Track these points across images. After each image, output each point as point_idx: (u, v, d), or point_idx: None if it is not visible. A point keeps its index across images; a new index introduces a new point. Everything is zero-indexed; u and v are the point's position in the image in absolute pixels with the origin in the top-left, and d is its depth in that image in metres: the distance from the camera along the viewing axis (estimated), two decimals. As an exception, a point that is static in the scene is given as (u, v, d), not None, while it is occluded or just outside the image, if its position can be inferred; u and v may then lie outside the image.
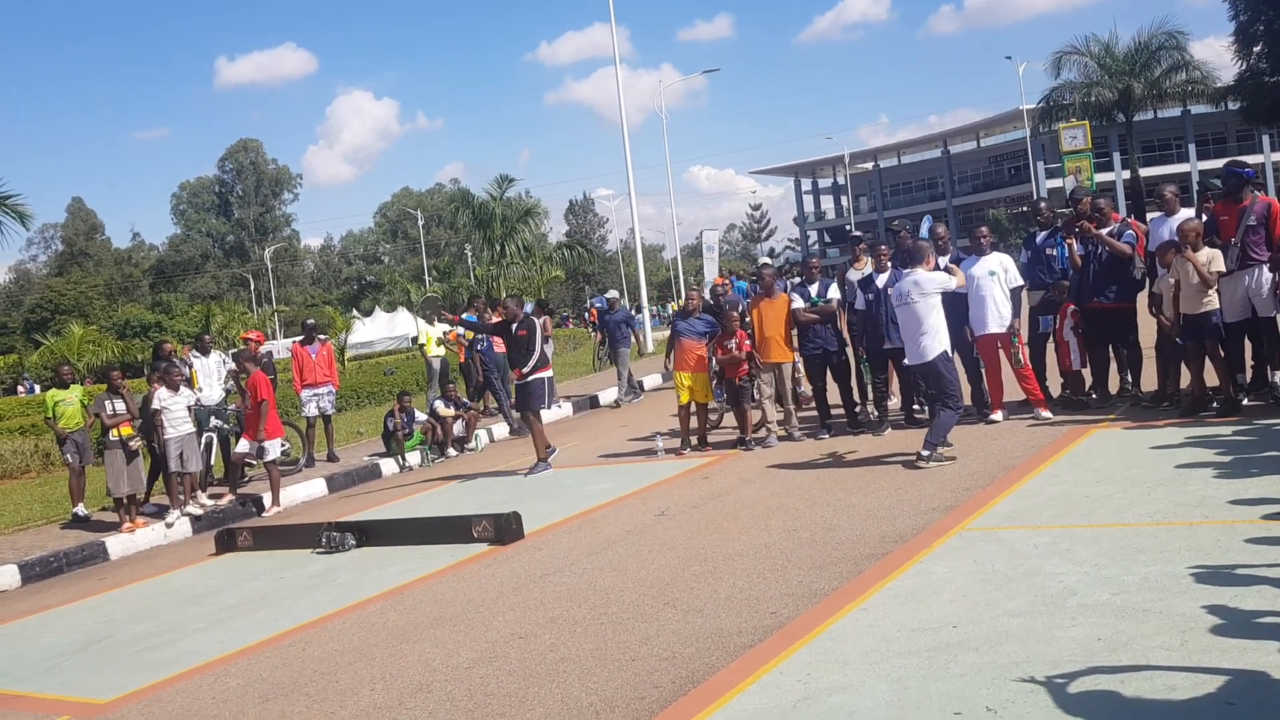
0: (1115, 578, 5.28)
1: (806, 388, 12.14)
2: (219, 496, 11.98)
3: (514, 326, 11.64)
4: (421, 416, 14.03)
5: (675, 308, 21.44)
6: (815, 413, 11.50)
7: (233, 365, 12.89)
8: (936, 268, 9.41)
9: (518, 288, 43.28)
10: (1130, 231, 9.98)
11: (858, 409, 11.30)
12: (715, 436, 11.89)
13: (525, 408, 11.66)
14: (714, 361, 11.37)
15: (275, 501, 11.75)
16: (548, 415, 13.22)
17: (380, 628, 6.50)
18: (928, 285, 8.95)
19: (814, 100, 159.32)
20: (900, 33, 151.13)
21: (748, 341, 11.04)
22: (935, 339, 8.89)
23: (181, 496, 11.31)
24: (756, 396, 11.14)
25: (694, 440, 11.57)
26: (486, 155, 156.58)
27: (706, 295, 13.54)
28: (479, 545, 8.23)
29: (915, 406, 10.94)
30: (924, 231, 11.42)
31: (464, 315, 14.44)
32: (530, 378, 11.39)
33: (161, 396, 11.12)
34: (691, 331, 11.46)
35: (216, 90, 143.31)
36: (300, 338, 14.59)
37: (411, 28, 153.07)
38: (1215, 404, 9.16)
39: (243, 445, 11.85)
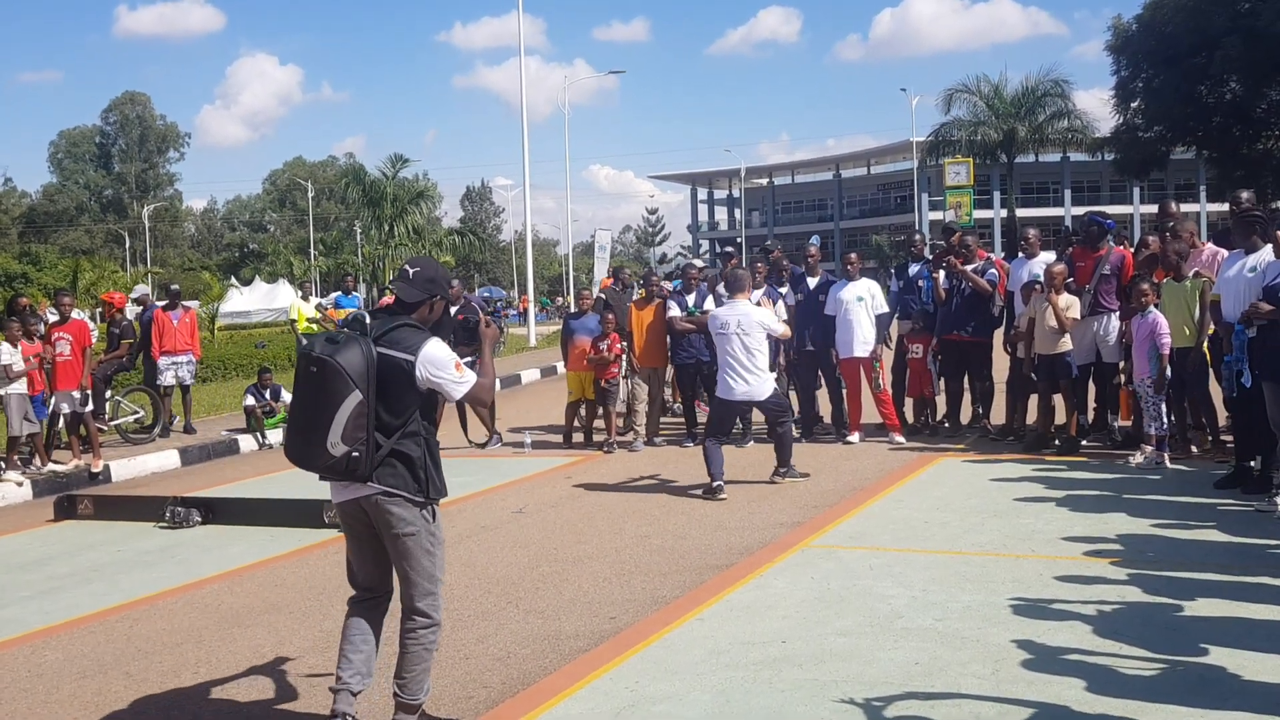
0: (941, 604, 5.49)
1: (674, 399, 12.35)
2: (62, 462, 11.51)
3: (454, 310, 11.68)
4: (287, 395, 13.68)
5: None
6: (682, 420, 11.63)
7: (93, 325, 12.38)
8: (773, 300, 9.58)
9: (404, 270, 42.58)
10: (993, 270, 10.38)
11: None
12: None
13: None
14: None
15: (97, 457, 11.40)
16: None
17: (214, 609, 6.34)
18: (751, 324, 8.62)
19: (719, 112, 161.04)
20: (807, 55, 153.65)
21: (619, 345, 11.09)
22: (767, 381, 8.75)
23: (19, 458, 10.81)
24: (626, 399, 11.21)
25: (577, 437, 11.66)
26: (391, 132, 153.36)
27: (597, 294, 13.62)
28: (329, 531, 8.08)
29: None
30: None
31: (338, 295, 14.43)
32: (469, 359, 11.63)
33: (8, 352, 10.63)
34: (585, 330, 11.48)
35: (114, 38, 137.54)
36: (164, 302, 14.11)
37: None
38: (1057, 442, 9.58)
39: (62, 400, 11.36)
